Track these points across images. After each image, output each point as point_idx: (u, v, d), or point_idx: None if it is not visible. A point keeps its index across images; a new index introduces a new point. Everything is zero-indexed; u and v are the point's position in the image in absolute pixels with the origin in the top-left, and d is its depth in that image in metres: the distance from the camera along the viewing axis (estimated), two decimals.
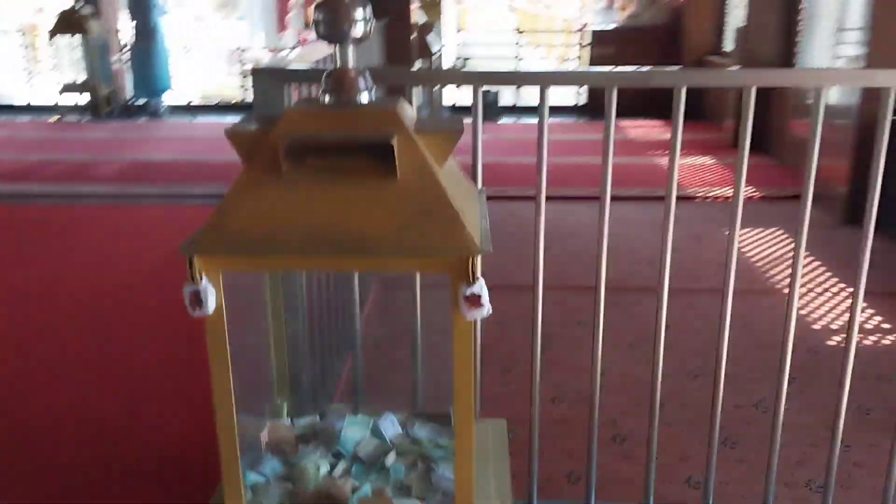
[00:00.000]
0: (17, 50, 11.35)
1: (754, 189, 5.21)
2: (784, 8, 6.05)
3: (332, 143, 1.10)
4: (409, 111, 1.18)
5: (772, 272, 3.91)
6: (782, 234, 4.42)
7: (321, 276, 2.31)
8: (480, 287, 1.05)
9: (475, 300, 1.06)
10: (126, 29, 9.13)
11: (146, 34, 8.72)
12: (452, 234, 1.06)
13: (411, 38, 4.91)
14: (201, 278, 1.08)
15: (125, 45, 9.00)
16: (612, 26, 8.50)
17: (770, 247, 4.25)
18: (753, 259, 4.06)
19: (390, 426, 1.40)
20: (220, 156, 6.57)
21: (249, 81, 9.93)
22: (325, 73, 1.18)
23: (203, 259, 1.08)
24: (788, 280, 1.68)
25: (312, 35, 9.63)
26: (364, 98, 1.17)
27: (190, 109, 9.27)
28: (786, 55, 6.19)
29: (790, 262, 1.69)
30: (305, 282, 1.93)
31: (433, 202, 1.08)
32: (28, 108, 9.35)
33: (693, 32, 7.73)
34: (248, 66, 9.67)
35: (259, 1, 14.03)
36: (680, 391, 2.67)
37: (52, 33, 8.38)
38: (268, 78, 1.50)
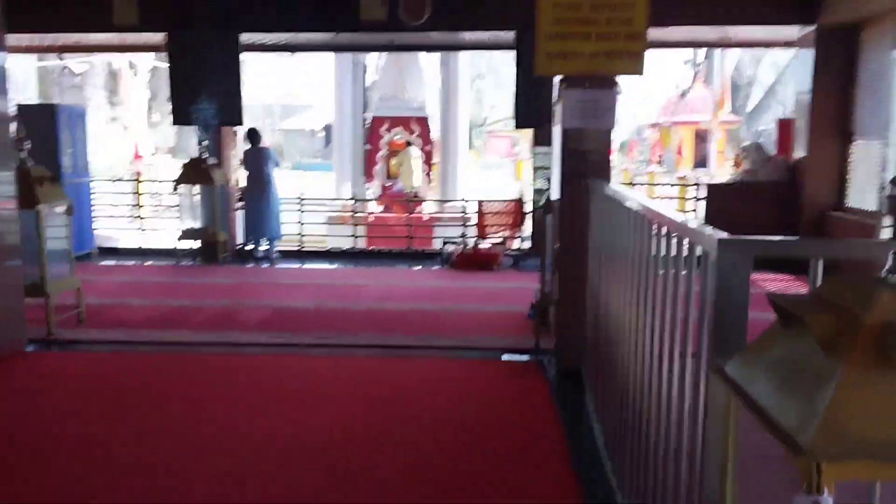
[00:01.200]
0: (123, 197, 11.90)
1: None
2: None
3: None
4: None
5: None
6: None
7: None
8: None
9: None
10: (241, 178, 9.47)
11: (261, 184, 9.00)
12: None
13: None
14: (821, 488, 0.93)
15: (241, 194, 9.28)
16: (727, 181, 8.56)
17: None
18: None
19: None
20: (352, 304, 6.57)
21: (362, 230, 10.12)
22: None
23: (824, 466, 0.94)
24: None
25: (396, 185, 9.84)
26: None
27: (297, 255, 9.41)
28: None
29: None
30: None
31: None
32: (136, 252, 9.56)
33: (812, 188, 7.69)
34: (359, 214, 9.89)
35: (349, 154, 14.68)
36: None
37: (178, 182, 8.65)
38: (736, 250, 1.40)
